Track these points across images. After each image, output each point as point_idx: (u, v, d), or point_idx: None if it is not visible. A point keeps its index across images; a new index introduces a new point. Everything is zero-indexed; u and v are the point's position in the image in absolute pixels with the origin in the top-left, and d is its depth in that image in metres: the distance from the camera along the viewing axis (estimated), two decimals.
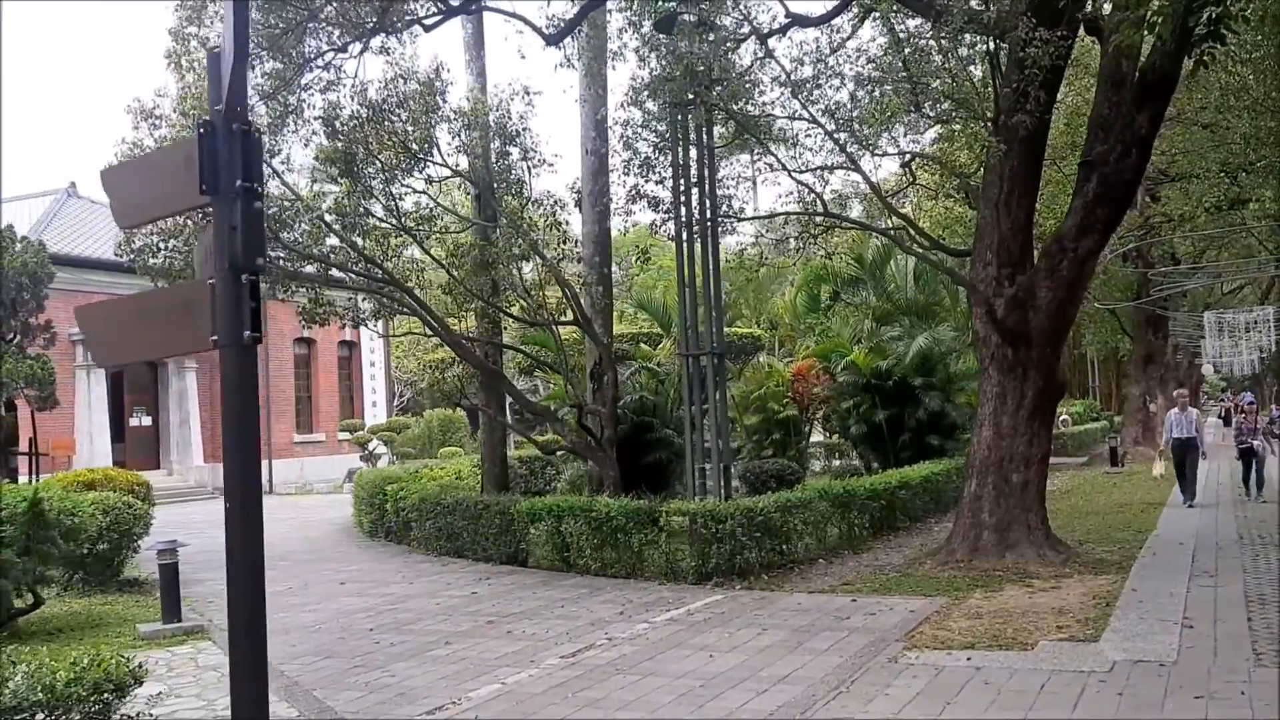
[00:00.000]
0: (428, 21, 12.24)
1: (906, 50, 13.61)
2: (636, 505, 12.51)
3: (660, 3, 13.34)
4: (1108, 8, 12.95)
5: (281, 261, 14.87)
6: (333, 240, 14.85)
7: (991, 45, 12.40)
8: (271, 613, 10.93)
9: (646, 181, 13.15)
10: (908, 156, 15.75)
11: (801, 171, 14.90)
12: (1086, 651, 7.89)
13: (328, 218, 14.50)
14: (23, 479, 17.36)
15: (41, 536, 5.43)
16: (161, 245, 13.86)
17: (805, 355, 24.19)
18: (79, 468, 26.36)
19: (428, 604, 11.31)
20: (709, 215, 13.53)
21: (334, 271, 15.22)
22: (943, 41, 12.80)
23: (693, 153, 13.52)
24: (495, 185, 15.52)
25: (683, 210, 13.40)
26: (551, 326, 14.72)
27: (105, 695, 4.82)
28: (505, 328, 17.28)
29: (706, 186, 13.56)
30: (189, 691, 8.11)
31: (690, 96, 11.94)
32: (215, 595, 12.70)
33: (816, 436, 26.22)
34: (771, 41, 14.69)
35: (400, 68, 14.46)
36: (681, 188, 13.42)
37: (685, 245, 13.47)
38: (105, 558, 12.71)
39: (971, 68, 14.54)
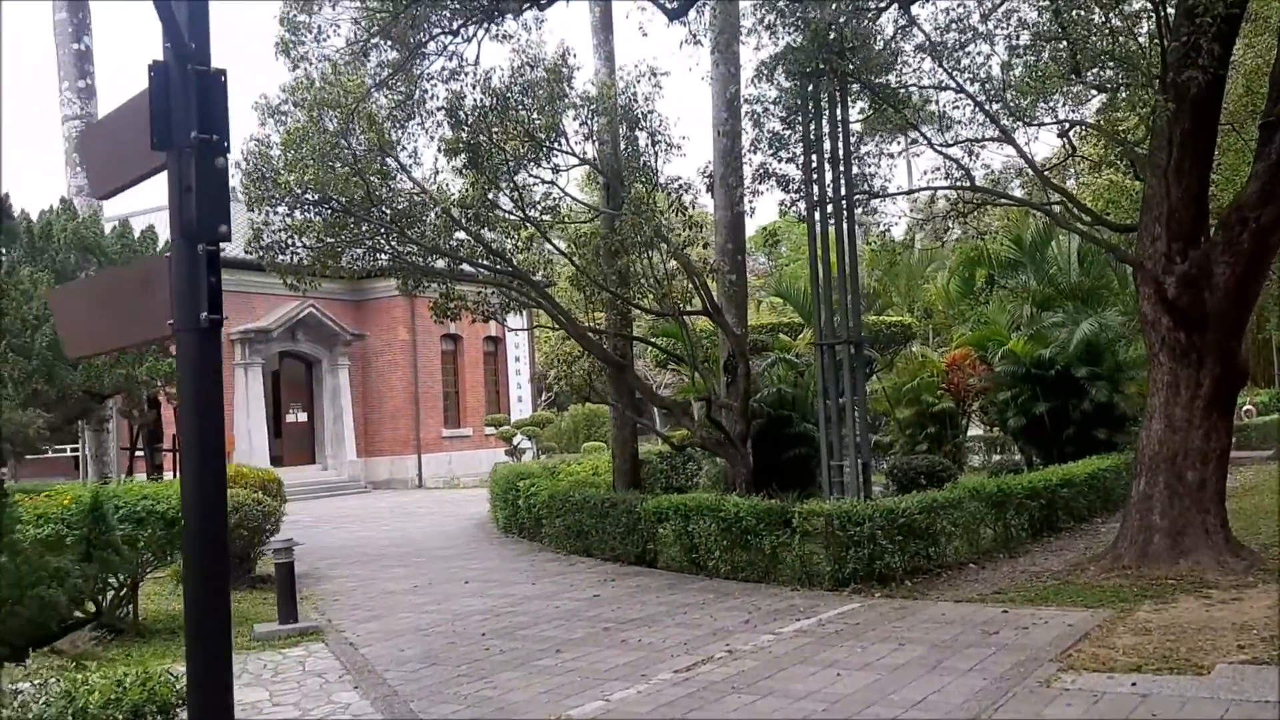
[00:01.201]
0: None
1: (1065, 9, 12.46)
2: (768, 505, 11.78)
3: None
4: None
5: (412, 257, 14.76)
6: (461, 234, 14.61)
7: None
8: (390, 613, 10.73)
9: (775, 159, 12.37)
10: (1066, 126, 14.47)
11: (948, 146, 13.86)
12: (1273, 678, 6.78)
13: (454, 211, 14.24)
14: (167, 475, 17.77)
15: (102, 541, 5.12)
16: (289, 241, 13.83)
17: (959, 344, 22.88)
18: (239, 463, 27.24)
19: (546, 607, 10.85)
20: (844, 194, 12.63)
21: (464, 266, 15.01)
22: None
23: (826, 128, 12.65)
24: (624, 172, 15.02)
25: (814, 189, 12.55)
26: (679, 316, 14.06)
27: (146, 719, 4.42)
28: (635, 319, 16.74)
29: (841, 163, 12.66)
30: (288, 700, 7.81)
31: (820, 66, 11.11)
32: (343, 593, 12.62)
33: (975, 430, 24.84)
34: (914, 8, 13.76)
35: (526, 55, 14.10)
36: (813, 164, 12.58)
37: (818, 226, 12.62)
38: (236, 554, 12.75)
39: (1136, 28, 13.30)
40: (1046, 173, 15.44)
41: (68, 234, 14.45)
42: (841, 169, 12.60)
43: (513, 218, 14.62)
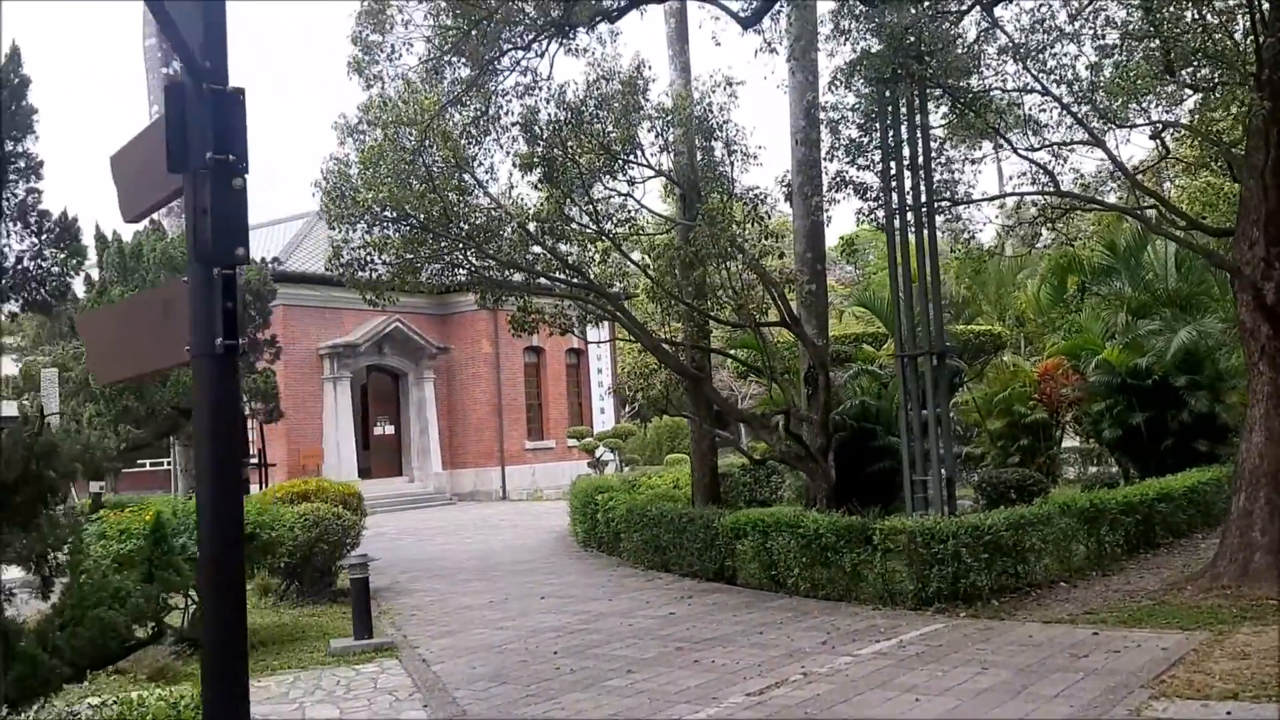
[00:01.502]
0: (613, 10, 11.64)
1: (1157, 7, 11.99)
2: (848, 521, 11.49)
3: None
4: None
5: (489, 271, 14.81)
6: (537, 248, 14.61)
7: None
8: (465, 628, 10.68)
9: (852, 166, 12.10)
10: (1159, 127, 13.93)
11: (1033, 150, 13.43)
12: None
13: (530, 226, 14.25)
14: (254, 488, 18.10)
15: (164, 561, 5.13)
16: (369, 258, 13.97)
17: (1051, 353, 22.20)
18: (323, 476, 27.70)
19: (620, 624, 10.71)
20: (923, 200, 12.29)
21: (541, 280, 15.01)
22: None
23: (904, 134, 12.34)
24: (700, 183, 14.89)
25: (893, 196, 12.25)
26: (756, 328, 13.84)
27: None
28: (713, 331, 16.55)
29: (921, 170, 12.34)
30: (358, 717, 7.81)
31: (896, 70, 10.83)
32: (421, 607, 12.65)
33: (1071, 442, 24.09)
34: (997, 10, 13.38)
35: (602, 69, 14.08)
36: (892, 171, 12.29)
37: (898, 234, 12.32)
38: (317, 569, 12.90)
39: (1231, 24, 12.75)
40: (1139, 176, 14.90)
41: (156, 254, 14.81)
42: (921, 175, 12.28)
43: (588, 231, 14.60)
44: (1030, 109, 13.93)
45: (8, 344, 24.12)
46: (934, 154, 13.20)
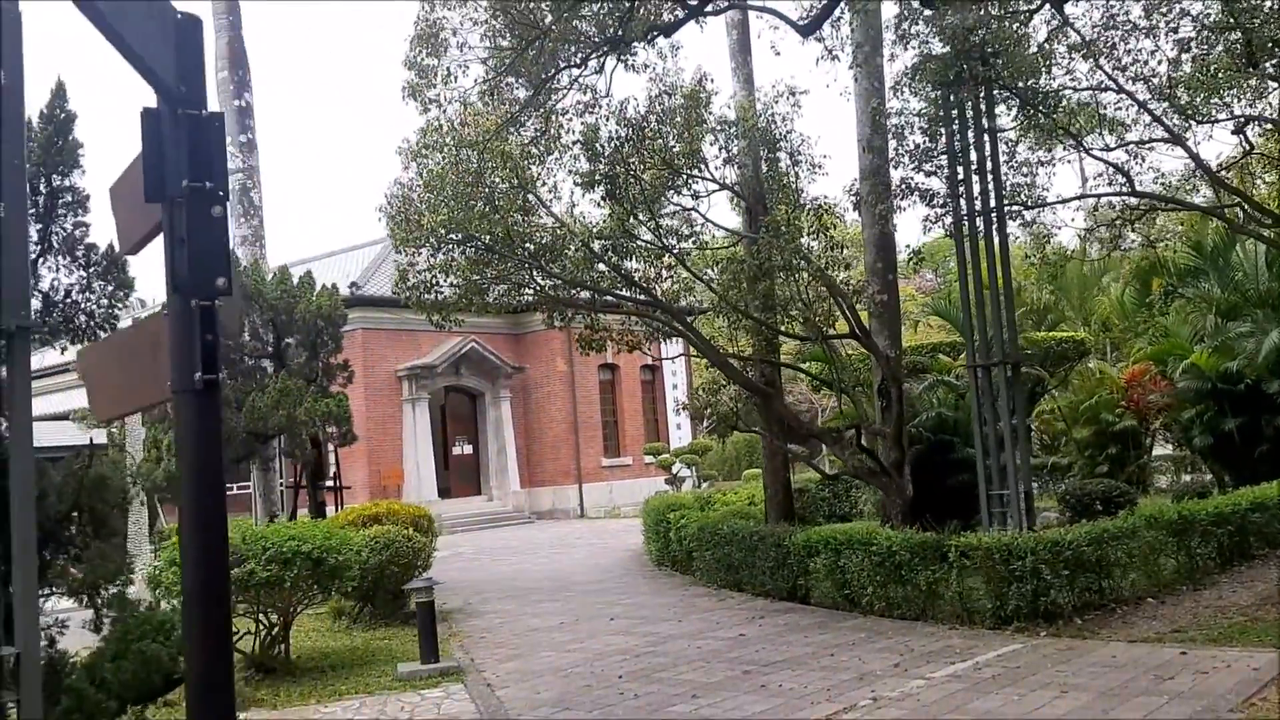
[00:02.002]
0: (667, 25, 11.54)
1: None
2: (922, 538, 11.16)
3: None
4: None
5: (555, 290, 14.78)
6: (602, 265, 14.54)
7: None
8: (532, 651, 10.58)
9: (918, 172, 11.81)
10: (1242, 122, 13.38)
11: (1108, 149, 13.02)
12: None
13: (595, 244, 14.19)
14: (330, 510, 18.29)
15: None
16: (435, 280, 14.01)
17: (1137, 359, 21.48)
18: (408, 496, 27.97)
19: (688, 647, 10.52)
20: (993, 205, 11.94)
21: (607, 297, 14.94)
22: None
23: (971, 137, 12.02)
24: (766, 195, 14.70)
25: (961, 202, 11.92)
26: (824, 341, 13.58)
27: None
28: (784, 344, 16.30)
29: (989, 174, 12.00)
30: None
31: (960, 73, 10.55)
32: (490, 629, 12.61)
33: (1162, 449, 23.28)
34: (1068, 7, 13.01)
35: (664, 83, 14.00)
36: (959, 176, 11.97)
37: (966, 240, 11.98)
38: (389, 591, 12.95)
39: None
40: (1223, 173, 14.34)
41: None
42: (990, 179, 11.94)
43: (653, 247, 14.49)
44: (1105, 107, 13.53)
45: None
46: (1005, 156, 12.85)
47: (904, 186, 12.13)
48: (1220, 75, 12.65)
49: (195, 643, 2.68)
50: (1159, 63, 12.97)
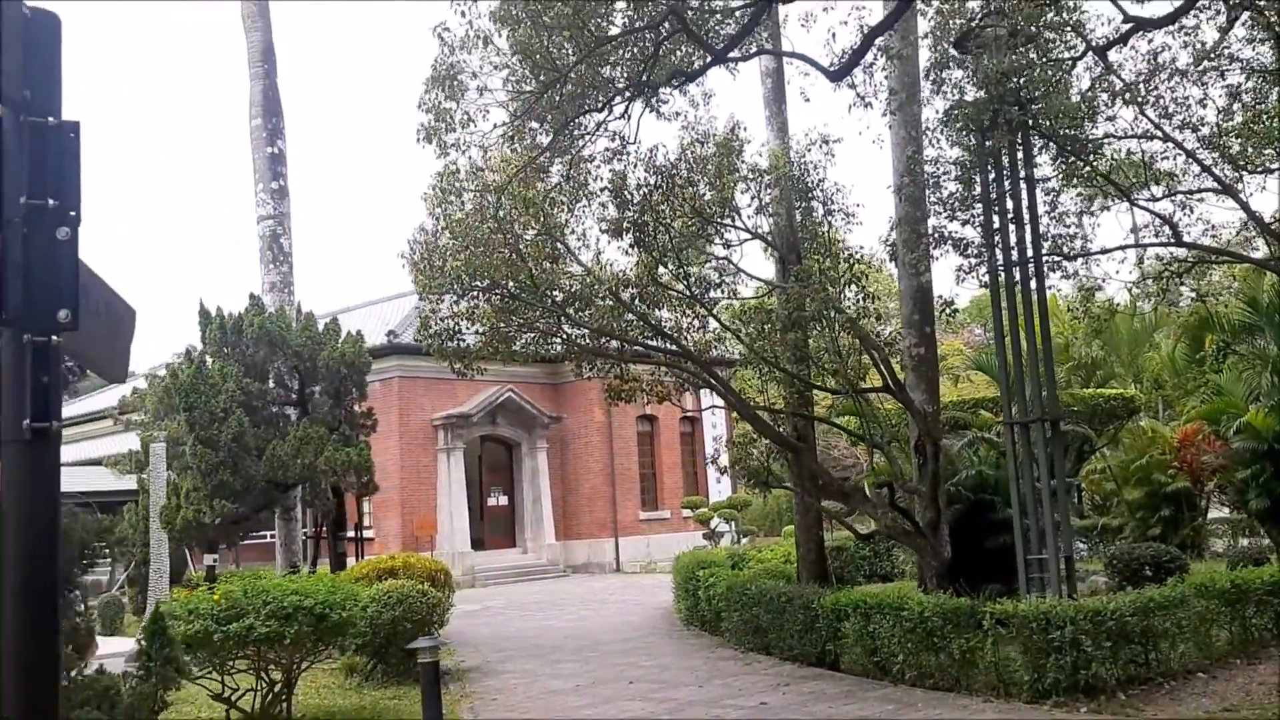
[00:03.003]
0: (693, 70, 11.26)
1: None
2: (955, 603, 10.60)
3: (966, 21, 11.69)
4: None
5: (583, 340, 14.49)
6: (630, 314, 14.23)
7: None
8: (545, 715, 10.13)
9: (951, 220, 11.39)
10: None
11: (1154, 200, 12.51)
12: None
13: (623, 294, 13.90)
14: (350, 561, 17.98)
15: (162, 657, 4.77)
16: (458, 328, 13.76)
17: (1190, 417, 20.71)
18: (441, 547, 27.65)
19: (706, 715, 10.00)
20: (1030, 255, 11.47)
21: (636, 347, 14.62)
22: None
23: (1007, 185, 11.59)
24: (799, 244, 14.35)
25: (997, 252, 11.46)
26: (856, 395, 13.11)
27: None
28: (814, 399, 15.84)
29: (1027, 224, 11.55)
30: None
31: (995, 117, 10.15)
32: (505, 690, 12.17)
33: (1219, 512, 22.37)
34: (1111, 54, 12.59)
35: (696, 131, 13.76)
36: (995, 225, 11.53)
37: (1002, 291, 11.51)
38: (402, 648, 12.54)
39: None
40: (1277, 225, 13.75)
41: (254, 328, 14.91)
42: (1028, 229, 11.48)
43: (684, 296, 14.18)
44: (1153, 158, 13.05)
45: (133, 419, 24.84)
46: (1046, 206, 12.39)
47: (937, 235, 11.71)
48: (1273, 124, 12.16)
49: (16, 714, 2.29)
50: (1206, 109, 12.51)
